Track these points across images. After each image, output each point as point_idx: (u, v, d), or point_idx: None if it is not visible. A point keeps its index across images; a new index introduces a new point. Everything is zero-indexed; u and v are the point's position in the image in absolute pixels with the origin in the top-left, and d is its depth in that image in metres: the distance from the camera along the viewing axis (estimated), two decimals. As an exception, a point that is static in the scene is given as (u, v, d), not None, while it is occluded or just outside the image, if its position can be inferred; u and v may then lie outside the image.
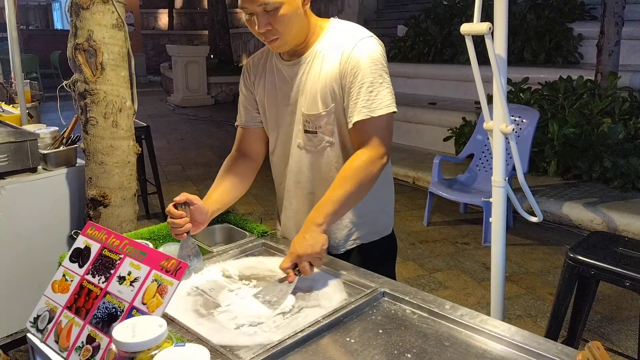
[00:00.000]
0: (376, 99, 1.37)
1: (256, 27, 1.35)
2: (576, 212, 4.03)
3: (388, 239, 1.65)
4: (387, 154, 1.41)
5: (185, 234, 1.39)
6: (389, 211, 1.65)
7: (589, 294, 1.87)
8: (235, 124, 1.64)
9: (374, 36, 1.43)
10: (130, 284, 1.16)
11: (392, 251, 1.69)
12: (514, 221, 4.11)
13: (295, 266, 1.31)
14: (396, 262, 1.74)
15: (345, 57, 1.38)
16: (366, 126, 1.38)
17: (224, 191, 1.54)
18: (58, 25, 20.30)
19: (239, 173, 1.58)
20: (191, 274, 1.38)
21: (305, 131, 1.47)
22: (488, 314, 1.82)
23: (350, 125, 1.41)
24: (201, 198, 1.47)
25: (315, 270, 1.34)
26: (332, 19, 1.50)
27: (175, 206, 1.39)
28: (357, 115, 1.38)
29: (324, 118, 1.44)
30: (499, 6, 1.56)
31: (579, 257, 1.80)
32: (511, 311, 2.92)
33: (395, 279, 1.64)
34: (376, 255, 1.59)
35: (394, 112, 1.40)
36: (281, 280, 1.31)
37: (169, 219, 1.40)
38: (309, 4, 1.41)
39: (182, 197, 1.39)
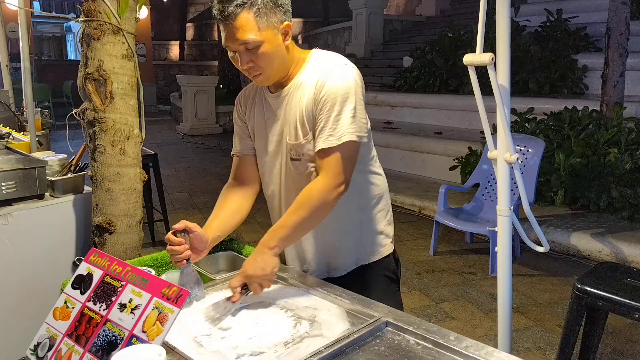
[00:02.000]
0: (337, 127, 1.39)
1: (239, 64, 1.42)
2: (584, 242, 3.99)
3: (387, 259, 1.65)
4: (345, 182, 1.41)
5: (185, 261, 1.39)
6: (387, 231, 1.66)
7: (598, 325, 1.83)
8: (231, 153, 1.69)
9: (350, 64, 1.46)
10: (131, 312, 1.15)
11: (394, 272, 1.68)
12: (521, 251, 4.07)
13: (244, 286, 1.35)
14: (402, 292, 1.73)
15: (319, 86, 1.42)
16: (327, 154, 1.40)
17: (223, 219, 1.56)
18: (71, 56, 20.77)
19: (237, 200, 1.61)
20: (192, 302, 1.37)
21: (291, 159, 1.51)
22: (495, 346, 1.78)
23: (316, 152, 1.44)
24: None
25: (296, 298, 1.38)
26: (313, 50, 1.55)
27: (174, 233, 1.40)
28: (320, 142, 1.41)
29: (305, 146, 1.47)
30: (501, 37, 1.59)
31: (587, 288, 1.78)
32: (519, 343, 2.86)
33: (401, 302, 1.64)
34: (376, 277, 1.60)
35: (354, 141, 1.40)
36: (228, 299, 1.36)
37: (168, 246, 1.41)
38: (290, 39, 1.46)
39: (181, 224, 1.41)
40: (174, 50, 18.78)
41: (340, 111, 1.39)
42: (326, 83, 1.41)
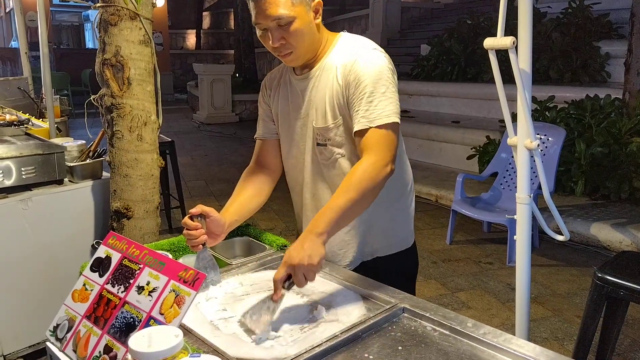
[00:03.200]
0: (376, 109, 1.35)
1: (270, 42, 1.38)
2: (604, 232, 3.92)
3: (407, 253, 1.62)
4: (390, 163, 1.36)
5: (202, 245, 1.39)
6: (407, 224, 1.63)
7: (618, 316, 1.80)
8: (254, 136, 1.67)
9: (379, 49, 1.43)
10: (149, 294, 1.16)
11: (411, 266, 1.66)
12: (539, 241, 4.02)
13: (288, 277, 1.22)
14: (418, 280, 1.70)
15: (348, 69, 1.39)
16: (366, 136, 1.37)
17: (241, 203, 1.54)
18: (89, 44, 20.93)
19: (257, 185, 1.59)
20: (209, 287, 1.38)
21: (317, 144, 1.48)
22: (514, 335, 1.77)
23: (354, 135, 1.40)
24: None
25: (311, 283, 1.24)
26: (342, 33, 1.52)
27: (191, 218, 1.40)
28: (357, 125, 1.37)
29: (332, 130, 1.44)
30: (523, 20, 1.55)
31: (608, 277, 1.74)
32: (537, 333, 2.83)
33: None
34: (394, 270, 1.56)
35: (395, 122, 1.37)
36: (267, 299, 1.21)
37: (184, 231, 1.40)
38: (320, 17, 1.43)
39: (198, 209, 1.40)
40: (191, 39, 18.83)
41: (372, 93, 1.36)
42: (358, 65, 1.37)
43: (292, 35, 1.36)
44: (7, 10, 15.35)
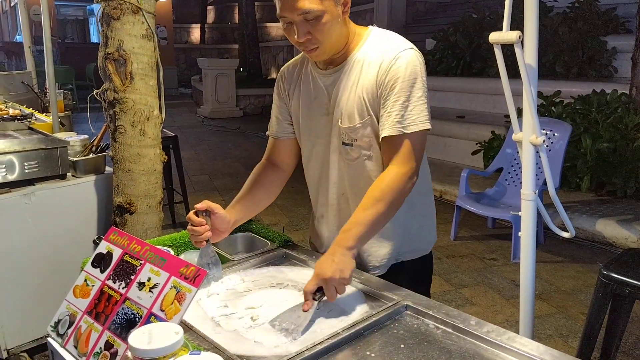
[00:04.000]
0: (411, 114, 1.31)
1: (295, 36, 1.31)
2: (610, 229, 3.89)
3: (425, 259, 1.58)
4: (417, 172, 1.34)
5: (205, 242, 1.38)
6: (431, 227, 1.59)
7: (623, 313, 1.78)
8: (267, 132, 1.61)
9: (415, 48, 1.37)
10: (150, 290, 1.15)
11: (427, 272, 1.62)
12: (544, 237, 4.00)
13: (319, 289, 1.22)
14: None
15: (384, 68, 1.33)
16: (398, 142, 1.32)
17: (249, 201, 1.51)
18: (94, 38, 20.93)
19: (266, 183, 1.54)
20: (210, 283, 1.37)
21: (343, 143, 1.42)
22: (517, 332, 1.75)
23: (380, 139, 1.35)
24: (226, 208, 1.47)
25: (339, 296, 1.24)
26: (371, 27, 1.45)
27: (196, 214, 1.38)
28: (388, 129, 1.32)
29: (359, 130, 1.38)
30: (529, 13, 1.52)
31: (613, 275, 1.73)
32: (541, 330, 2.82)
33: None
34: (411, 275, 1.52)
35: (428, 129, 1.34)
36: (297, 308, 1.22)
37: (189, 226, 1.39)
38: (349, 11, 1.35)
39: (204, 204, 1.38)
40: (195, 33, 18.80)
41: (409, 97, 1.31)
42: (393, 66, 1.31)
43: (319, 30, 1.29)
44: (12, 4, 15.36)
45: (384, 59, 1.33)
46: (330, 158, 1.47)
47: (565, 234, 1.81)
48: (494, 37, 1.57)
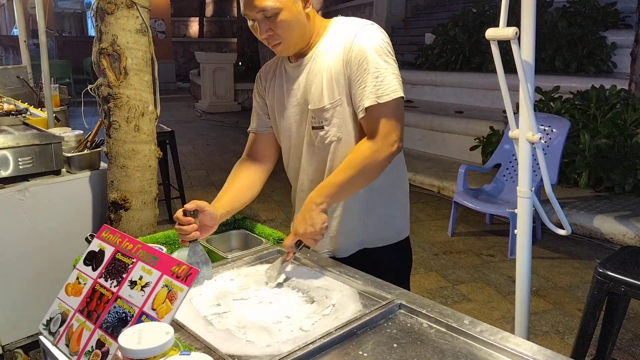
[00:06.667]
0: (382, 84, 1.34)
1: (258, 33, 1.39)
2: (608, 225, 3.89)
3: (399, 246, 1.60)
4: (397, 141, 1.37)
5: (191, 241, 1.38)
6: (401, 216, 1.60)
7: (619, 311, 1.78)
8: (248, 130, 1.66)
9: (375, 24, 1.42)
10: (141, 289, 1.14)
11: (403, 260, 1.63)
12: (542, 234, 3.99)
13: (297, 243, 1.37)
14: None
15: (348, 46, 1.37)
16: (374, 112, 1.36)
17: (234, 195, 1.54)
18: (92, 32, 20.81)
19: (249, 176, 1.58)
20: (203, 282, 1.36)
21: (313, 127, 1.47)
22: (513, 329, 1.75)
23: (360, 114, 1.38)
24: None
25: (308, 278, 1.37)
26: (334, 18, 1.50)
27: (184, 213, 1.38)
28: (366, 101, 1.35)
29: (329, 111, 1.43)
30: (526, 10, 1.51)
31: (609, 273, 1.72)
32: (537, 327, 2.82)
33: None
34: (385, 263, 1.55)
35: (402, 97, 1.36)
36: (279, 260, 1.41)
37: (176, 225, 1.39)
38: (310, 6, 1.42)
39: (193, 204, 1.39)
40: (193, 26, 18.72)
41: (377, 68, 1.34)
42: (356, 43, 1.36)
43: (278, 26, 1.36)
44: (9, -3, 15.28)
45: (347, 39, 1.38)
46: (303, 146, 1.52)
47: (562, 231, 1.80)
48: (490, 33, 1.56)
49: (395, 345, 1.10)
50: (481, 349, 1.09)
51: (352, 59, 1.36)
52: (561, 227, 1.81)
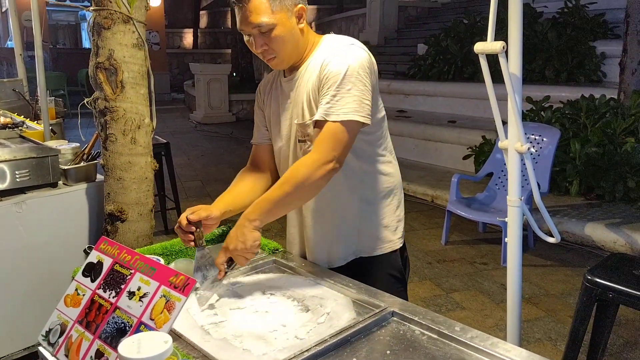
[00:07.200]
0: (337, 104, 1.36)
1: (254, 47, 1.43)
2: (599, 233, 3.94)
3: (392, 256, 1.61)
4: (335, 161, 1.36)
5: (194, 243, 1.45)
6: (393, 227, 1.62)
7: (608, 317, 1.82)
8: (251, 141, 1.72)
9: (358, 45, 1.44)
10: (140, 300, 1.17)
11: (398, 270, 1.64)
12: (534, 242, 4.04)
13: (229, 260, 1.39)
14: (413, 281, 1.71)
15: (325, 65, 1.41)
16: (320, 129, 1.38)
17: (235, 196, 1.59)
18: (86, 44, 20.86)
19: (251, 181, 1.64)
20: (213, 285, 1.40)
21: (299, 140, 1.52)
22: (506, 336, 1.78)
23: (310, 126, 1.44)
24: None
25: (302, 287, 1.39)
26: (327, 35, 1.55)
27: (188, 221, 1.44)
28: (317, 114, 1.39)
29: (309, 127, 1.47)
30: (514, 22, 1.56)
31: (597, 280, 1.76)
32: (530, 334, 2.85)
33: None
34: (378, 273, 1.58)
35: (353, 120, 1.36)
36: (214, 278, 1.40)
37: (176, 228, 1.46)
38: (304, 22, 1.46)
39: (196, 216, 1.44)
40: (188, 38, 18.80)
41: (339, 89, 1.37)
42: (331, 62, 1.40)
43: (273, 41, 1.41)
44: (4, 9, 15.32)
45: (325, 58, 1.42)
46: (289, 157, 1.57)
47: (551, 239, 1.84)
48: (479, 47, 1.61)
49: (388, 352, 1.13)
50: (472, 355, 1.12)
51: (322, 77, 1.41)
52: (551, 235, 1.85)
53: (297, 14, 1.43)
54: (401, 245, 1.64)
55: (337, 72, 1.38)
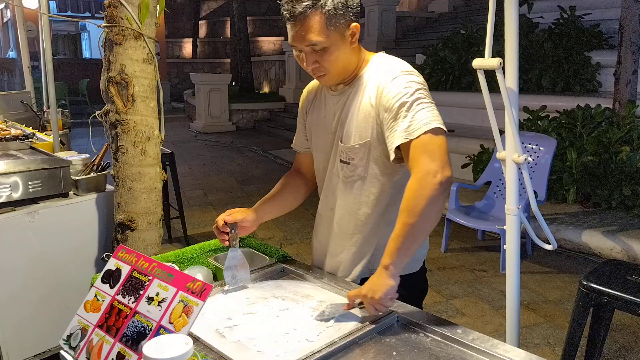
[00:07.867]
0: (414, 121, 1.34)
1: (304, 64, 1.43)
2: (596, 240, 4.01)
3: (415, 276, 1.58)
4: (440, 170, 1.29)
5: (230, 243, 1.53)
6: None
7: (603, 322, 1.88)
8: (291, 145, 1.77)
9: (412, 71, 1.43)
10: (158, 304, 1.23)
11: (418, 292, 1.62)
12: (532, 249, 4.10)
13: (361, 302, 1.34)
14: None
15: (380, 92, 1.40)
16: (408, 149, 1.34)
17: (275, 199, 1.66)
18: (86, 54, 21.02)
19: (294, 187, 1.70)
20: (241, 285, 1.50)
21: (341, 160, 1.52)
22: (505, 342, 1.84)
23: (392, 155, 1.39)
24: None
25: (311, 293, 1.44)
26: (378, 53, 1.54)
27: (225, 222, 1.53)
28: (397, 140, 1.35)
29: (357, 151, 1.47)
30: (510, 39, 1.63)
31: (592, 285, 1.83)
32: (529, 339, 2.91)
33: None
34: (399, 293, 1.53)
35: (438, 127, 1.34)
36: (340, 304, 1.38)
37: (214, 228, 1.54)
38: (357, 40, 1.45)
39: (232, 219, 1.52)
40: (187, 47, 18.94)
41: (410, 108, 1.35)
42: (388, 90, 1.38)
43: (325, 59, 1.40)
44: (5, 20, 15.43)
45: (380, 83, 1.41)
46: (328, 173, 1.59)
47: (548, 247, 1.91)
48: (477, 63, 1.68)
49: (394, 353, 1.20)
50: (473, 356, 1.19)
51: (383, 106, 1.39)
52: (549, 243, 1.92)
53: (351, 33, 1.41)
54: (420, 266, 1.62)
55: (401, 96, 1.36)
